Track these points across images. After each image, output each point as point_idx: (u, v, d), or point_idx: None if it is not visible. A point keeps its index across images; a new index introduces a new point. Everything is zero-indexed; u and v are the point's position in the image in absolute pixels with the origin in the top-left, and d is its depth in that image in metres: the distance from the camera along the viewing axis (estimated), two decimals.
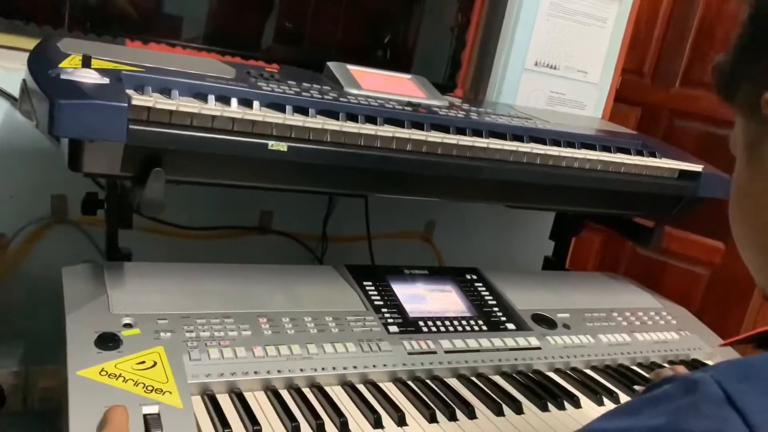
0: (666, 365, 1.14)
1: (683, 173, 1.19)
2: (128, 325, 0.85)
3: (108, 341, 0.80)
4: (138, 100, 0.78)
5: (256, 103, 0.90)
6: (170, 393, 0.76)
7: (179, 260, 1.12)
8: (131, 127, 0.77)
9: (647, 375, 1.08)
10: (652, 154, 1.18)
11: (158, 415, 0.73)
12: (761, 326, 0.56)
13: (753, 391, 0.41)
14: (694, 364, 1.16)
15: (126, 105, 0.75)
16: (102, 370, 0.76)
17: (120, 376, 0.76)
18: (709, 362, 1.18)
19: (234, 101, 0.88)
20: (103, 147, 0.80)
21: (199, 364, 0.82)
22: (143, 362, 0.79)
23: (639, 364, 1.12)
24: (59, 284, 0.91)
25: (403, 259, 1.50)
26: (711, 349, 1.20)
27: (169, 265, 1.01)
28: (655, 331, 1.19)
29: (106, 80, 0.80)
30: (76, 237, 1.24)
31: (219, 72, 1.01)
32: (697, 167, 1.18)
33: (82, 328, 0.81)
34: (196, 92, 0.90)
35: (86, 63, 0.85)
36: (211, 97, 0.88)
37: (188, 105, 0.82)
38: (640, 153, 1.17)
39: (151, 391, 0.76)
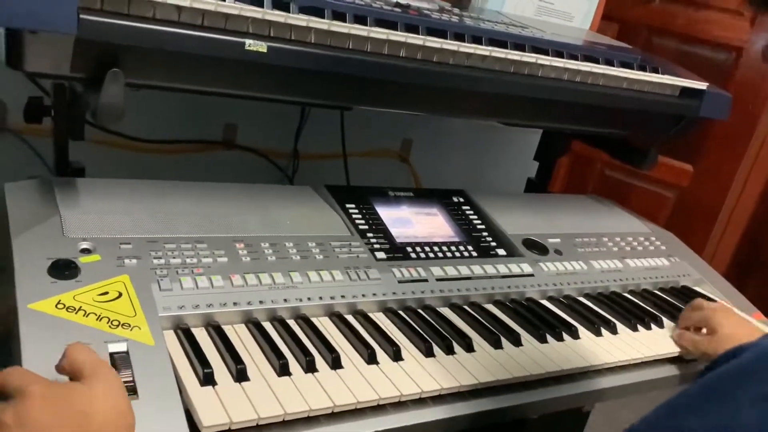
0: (657, 292, 1.10)
1: (685, 91, 1.12)
2: (86, 251, 0.74)
3: (64, 269, 0.70)
4: None
5: None
6: (139, 328, 0.67)
7: (137, 177, 1.00)
8: (83, 16, 0.64)
9: (639, 302, 1.05)
10: (655, 70, 1.10)
11: (127, 353, 0.64)
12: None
13: None
14: (684, 291, 1.13)
15: None
16: (58, 303, 0.66)
17: (80, 309, 0.66)
18: (698, 289, 1.15)
19: None
20: (48, 40, 0.67)
21: (171, 295, 0.73)
22: (106, 293, 0.69)
23: (631, 291, 1.08)
24: (1, 201, 0.79)
25: (379, 179, 1.41)
26: (699, 276, 1.17)
27: (129, 182, 0.89)
28: (645, 257, 1.15)
29: None
30: (18, 148, 1.10)
31: None
32: (701, 85, 1.11)
33: (33, 253, 0.70)
34: None
35: None
36: None
37: None
38: (642, 68, 1.09)
39: (117, 326, 0.66)
